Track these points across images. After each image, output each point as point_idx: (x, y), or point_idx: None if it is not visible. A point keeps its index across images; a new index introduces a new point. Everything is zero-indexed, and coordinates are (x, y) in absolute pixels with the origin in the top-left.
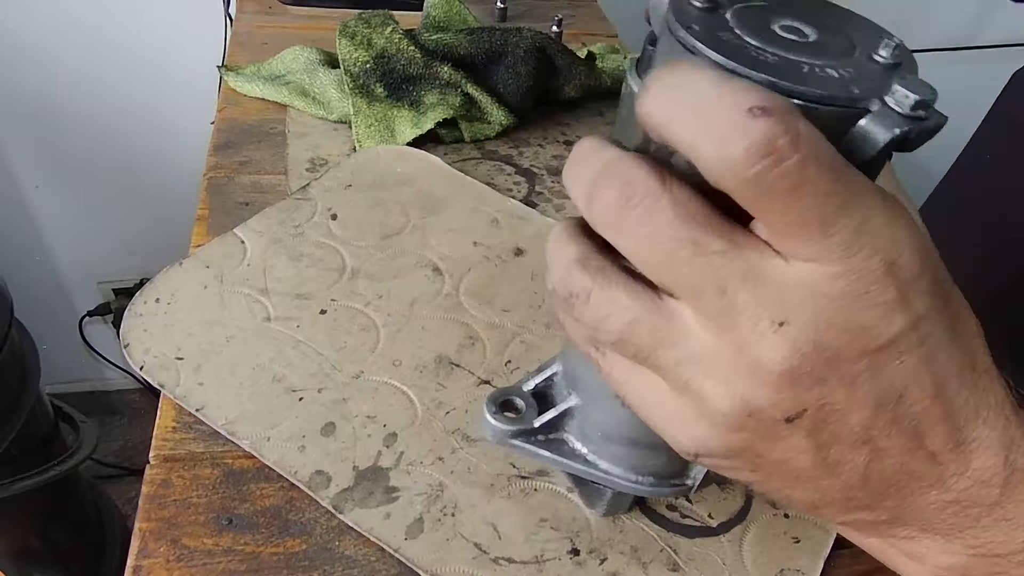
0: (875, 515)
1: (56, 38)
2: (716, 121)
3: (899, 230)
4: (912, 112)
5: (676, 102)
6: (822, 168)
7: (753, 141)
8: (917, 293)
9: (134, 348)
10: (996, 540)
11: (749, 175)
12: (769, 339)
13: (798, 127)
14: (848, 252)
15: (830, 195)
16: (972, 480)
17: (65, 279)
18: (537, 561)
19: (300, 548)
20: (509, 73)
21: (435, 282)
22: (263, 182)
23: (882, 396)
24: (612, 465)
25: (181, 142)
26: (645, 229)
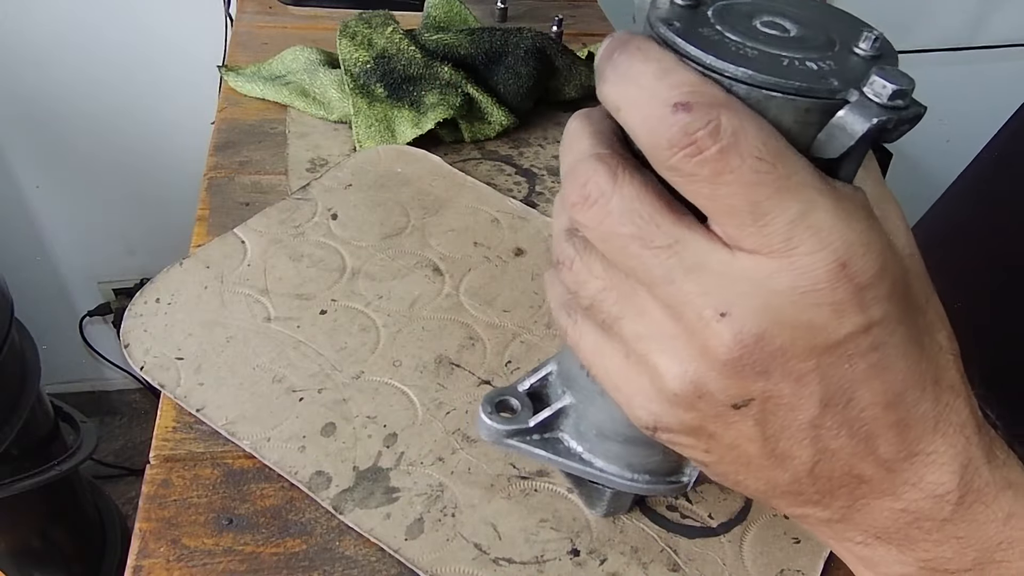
0: (827, 513)
1: (56, 39)
2: (648, 114)
3: (854, 230)
4: (890, 102)
5: (622, 93)
6: (746, 158)
7: (673, 132)
8: (874, 298)
9: (134, 348)
10: (946, 556)
11: (671, 163)
12: (713, 328)
13: (719, 120)
14: (789, 245)
15: (757, 185)
16: (925, 493)
17: (65, 279)
18: (537, 561)
19: (300, 548)
20: (509, 73)
21: (435, 282)
22: (263, 182)
23: (830, 397)
24: (607, 463)
25: (181, 142)
26: (599, 225)
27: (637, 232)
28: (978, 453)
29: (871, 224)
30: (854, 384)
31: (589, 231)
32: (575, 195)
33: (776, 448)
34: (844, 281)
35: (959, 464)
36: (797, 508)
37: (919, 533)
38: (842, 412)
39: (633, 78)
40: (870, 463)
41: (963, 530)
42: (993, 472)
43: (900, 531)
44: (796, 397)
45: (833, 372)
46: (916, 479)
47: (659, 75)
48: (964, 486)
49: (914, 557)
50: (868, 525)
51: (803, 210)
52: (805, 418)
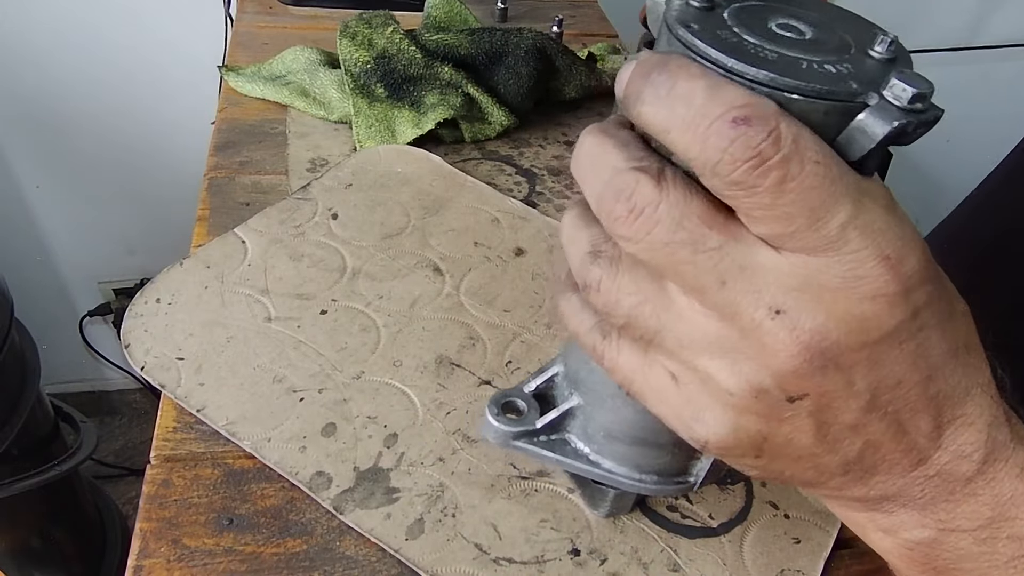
0: (865, 491)
1: (57, 39)
2: (705, 132)
3: (894, 223)
4: (910, 105)
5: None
6: (805, 164)
7: (736, 147)
8: (918, 283)
9: (135, 348)
10: (964, 515)
11: (734, 178)
12: (767, 326)
13: (779, 128)
14: (838, 243)
15: (814, 189)
16: (953, 454)
17: (65, 279)
18: (538, 561)
19: (301, 548)
20: (510, 73)
21: (436, 282)
22: (264, 182)
23: (879, 384)
24: (616, 464)
25: (182, 142)
26: (647, 236)
27: (688, 237)
28: (999, 411)
29: (902, 215)
30: (903, 367)
31: (635, 243)
32: (620, 209)
33: (828, 436)
34: (891, 274)
35: (985, 423)
36: (836, 491)
37: (941, 495)
38: (889, 396)
39: (682, 97)
40: (911, 439)
41: (982, 487)
42: (1011, 429)
43: (926, 494)
44: (850, 387)
45: (882, 360)
46: (949, 443)
47: (710, 92)
48: (990, 443)
49: (934, 519)
50: (899, 495)
51: (854, 211)
52: (858, 405)
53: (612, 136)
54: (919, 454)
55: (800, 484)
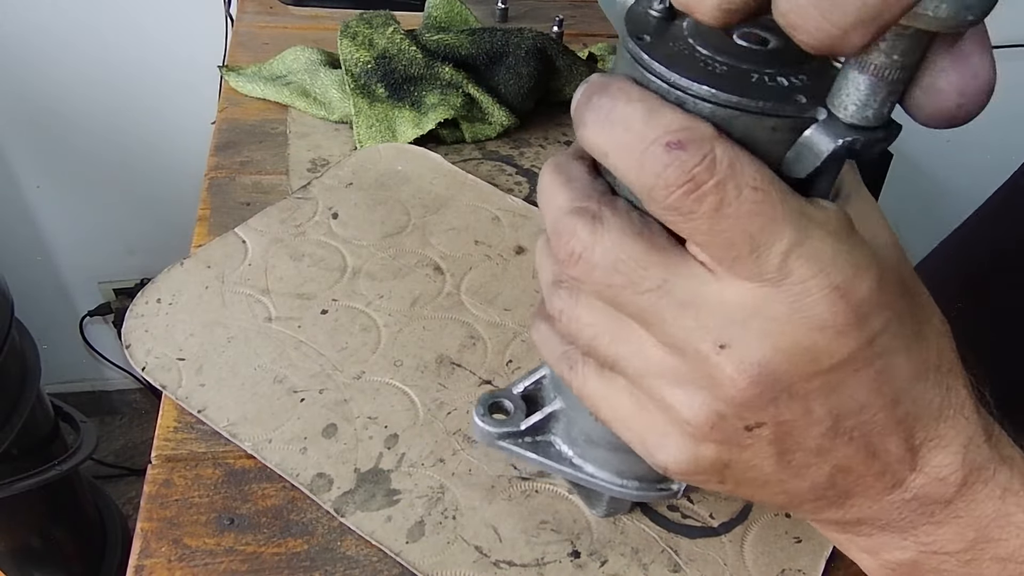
0: (840, 513)
1: (57, 39)
2: (641, 157)
3: (844, 250)
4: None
5: (610, 138)
6: (741, 189)
7: (670, 172)
8: (873, 310)
9: (136, 349)
10: (946, 538)
11: (669, 203)
12: (714, 361)
13: (714, 152)
14: (783, 273)
15: (753, 216)
16: (930, 477)
17: (65, 279)
18: (538, 564)
19: (302, 548)
20: (510, 74)
21: (436, 281)
22: (264, 182)
23: (840, 410)
24: (597, 469)
25: (182, 142)
26: (588, 277)
27: (625, 280)
28: (978, 432)
29: (858, 241)
30: (863, 392)
31: (581, 284)
32: (561, 253)
33: (792, 461)
34: (841, 304)
35: (961, 444)
36: (811, 514)
37: (922, 517)
38: (855, 419)
39: (619, 121)
40: (881, 462)
41: (964, 510)
42: (991, 449)
43: (904, 518)
44: (807, 415)
45: (841, 387)
46: (922, 466)
47: (646, 117)
48: (967, 465)
49: (915, 541)
50: (877, 519)
51: (797, 238)
52: (819, 432)
53: (563, 173)
54: (893, 477)
55: (774, 508)
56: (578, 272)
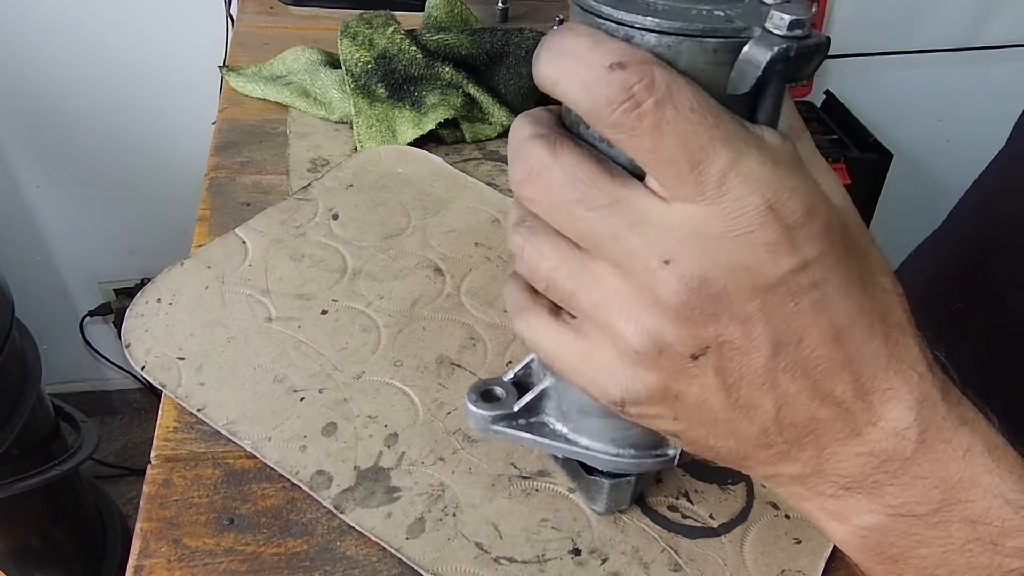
0: (797, 467)
1: (57, 39)
2: (586, 79)
3: (781, 174)
4: (789, 32)
5: (559, 67)
6: (680, 109)
7: (612, 90)
8: (806, 237)
9: (136, 348)
10: (914, 499)
11: (613, 119)
12: (660, 276)
13: (653, 75)
14: (720, 191)
15: (692, 134)
16: (886, 432)
17: (66, 279)
18: (539, 561)
19: (301, 548)
20: (510, 74)
21: (436, 282)
22: (264, 182)
23: (780, 336)
24: (592, 441)
25: (182, 142)
26: (545, 196)
27: (580, 196)
28: (932, 389)
29: (797, 169)
30: (801, 323)
31: (536, 204)
32: (520, 173)
33: (739, 397)
34: (774, 222)
35: (914, 399)
36: (770, 466)
37: (885, 477)
38: (794, 352)
39: (568, 52)
40: (829, 405)
41: (926, 469)
42: (949, 409)
43: (867, 477)
44: (747, 339)
45: (778, 312)
46: (875, 418)
47: (591, 46)
48: (923, 422)
49: (882, 504)
50: (837, 475)
51: (734, 157)
52: (760, 361)
53: (530, 115)
54: (845, 425)
55: (729, 457)
56: (535, 191)
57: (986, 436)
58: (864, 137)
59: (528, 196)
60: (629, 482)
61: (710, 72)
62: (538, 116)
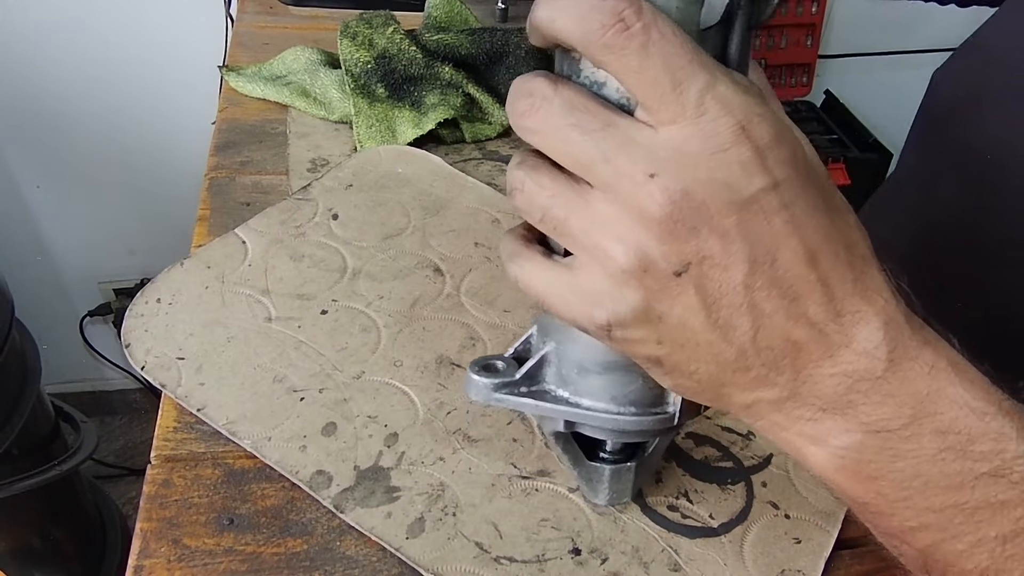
0: (775, 391)
1: (57, 39)
2: (580, 9)
3: (751, 101)
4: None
5: (555, 5)
6: (664, 33)
7: (604, 15)
8: (775, 160)
9: (135, 348)
10: (886, 416)
11: (604, 40)
12: (645, 190)
13: (640, 2)
14: (699, 111)
15: (674, 55)
16: (857, 352)
17: (65, 279)
18: (538, 560)
19: (301, 548)
20: (510, 73)
21: (436, 283)
22: (264, 182)
23: (755, 254)
24: (593, 401)
25: (182, 142)
26: (544, 123)
27: (575, 121)
28: (897, 313)
29: (765, 102)
30: (775, 240)
31: (534, 134)
32: (523, 104)
33: (718, 317)
34: (746, 142)
35: (882, 321)
36: (748, 392)
37: (859, 396)
38: (769, 271)
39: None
40: (804, 325)
41: (896, 387)
42: (913, 331)
43: (842, 397)
44: (725, 255)
45: (752, 228)
46: (847, 339)
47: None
48: (891, 341)
49: (857, 422)
50: (814, 396)
51: (710, 80)
52: (737, 278)
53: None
54: (819, 347)
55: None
56: (535, 120)
57: (948, 354)
58: (864, 137)
59: (529, 126)
60: (630, 469)
61: (684, 9)
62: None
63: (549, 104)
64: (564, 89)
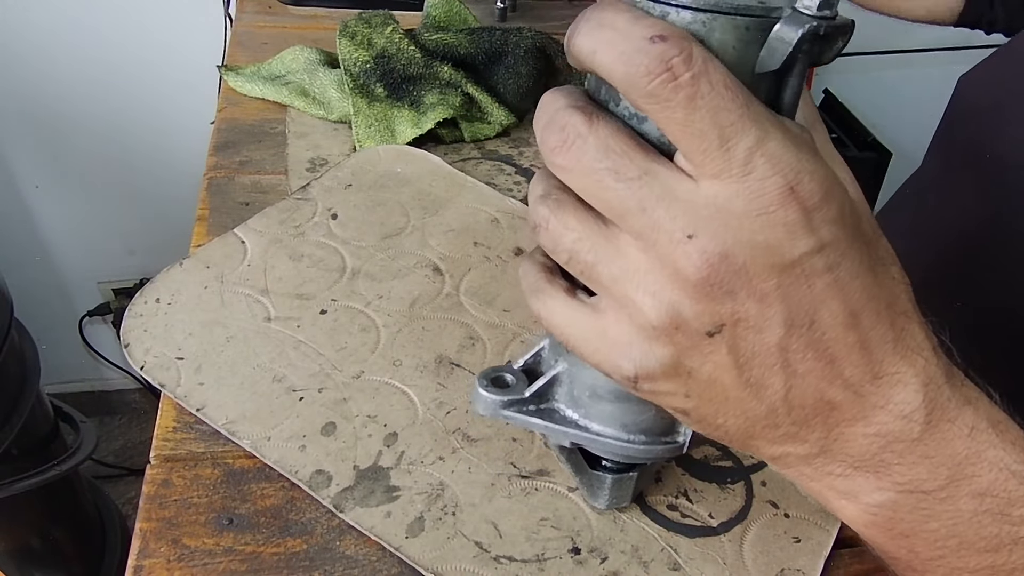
0: (805, 447)
1: (56, 38)
2: (626, 49)
3: (803, 158)
4: (819, 12)
5: (598, 38)
6: (715, 85)
7: (651, 60)
8: (822, 220)
9: (135, 348)
10: (921, 477)
11: (650, 89)
12: (682, 249)
13: (691, 49)
14: (746, 169)
15: (723, 110)
16: (894, 414)
17: (65, 279)
18: (538, 560)
19: (301, 548)
20: (509, 73)
21: (435, 282)
22: (263, 182)
23: (793, 317)
24: (603, 426)
25: (181, 142)
26: (577, 164)
27: (611, 165)
28: (937, 372)
29: (816, 156)
30: (814, 304)
31: (567, 172)
32: (555, 140)
33: (750, 376)
34: (793, 203)
35: (921, 383)
36: (777, 446)
37: (892, 456)
38: (807, 334)
39: (607, 24)
40: (839, 387)
41: (933, 449)
42: (953, 390)
43: (875, 456)
44: (762, 318)
45: (793, 292)
46: (884, 401)
47: (632, 20)
48: (929, 404)
49: (891, 481)
50: (845, 455)
51: (760, 136)
52: (773, 340)
53: (561, 89)
54: (853, 407)
55: (737, 437)
56: (568, 158)
57: (989, 413)
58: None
59: (561, 163)
60: (631, 477)
61: (740, 50)
62: (571, 89)
63: (583, 143)
64: (600, 127)
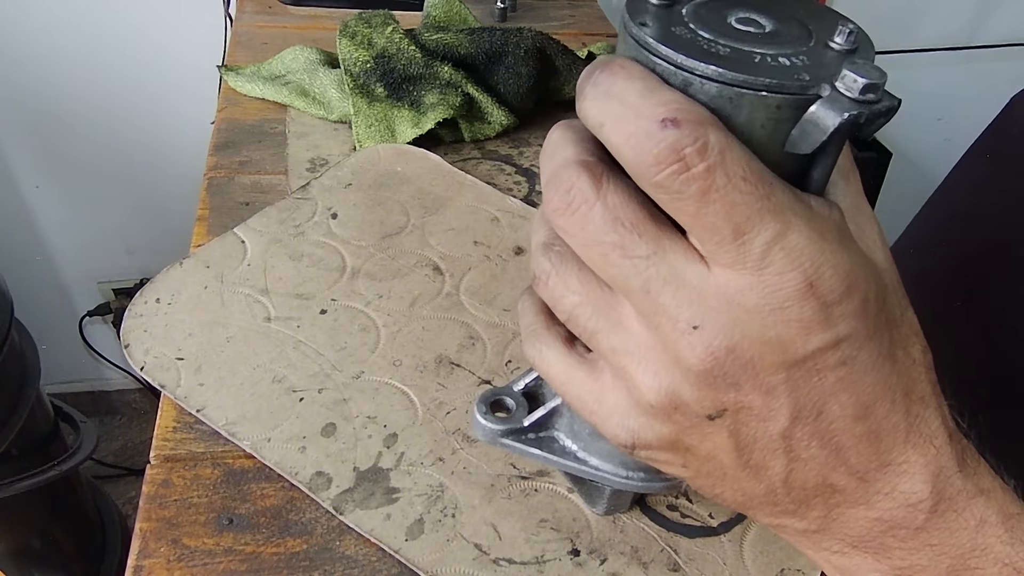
0: (803, 523)
1: (56, 38)
2: (635, 130)
3: (825, 249)
4: (862, 96)
5: (606, 111)
6: (732, 177)
7: (661, 149)
8: (841, 315)
9: (134, 348)
10: (921, 564)
11: (657, 180)
12: (687, 340)
13: (708, 137)
14: (762, 263)
15: (740, 204)
16: (898, 502)
17: (65, 279)
18: (537, 562)
19: (300, 548)
20: (509, 73)
21: (435, 282)
22: (263, 182)
23: (800, 409)
24: (602, 461)
25: (181, 142)
26: (581, 232)
27: (619, 241)
28: (949, 462)
29: (842, 243)
30: (823, 397)
31: (569, 237)
32: (557, 201)
33: (750, 459)
34: (811, 300)
35: (930, 473)
36: (774, 519)
37: (894, 541)
38: (812, 424)
39: (617, 95)
40: (842, 473)
41: (936, 538)
42: (965, 480)
43: (875, 540)
44: (767, 409)
45: (802, 385)
46: (889, 488)
47: (644, 93)
48: (936, 495)
49: (890, 565)
50: (844, 534)
51: (780, 230)
52: (776, 429)
53: (573, 132)
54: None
55: (733, 506)
56: (572, 224)
57: (1001, 505)
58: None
59: (563, 226)
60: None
61: (770, 128)
62: (582, 134)
63: (589, 209)
64: (609, 193)
